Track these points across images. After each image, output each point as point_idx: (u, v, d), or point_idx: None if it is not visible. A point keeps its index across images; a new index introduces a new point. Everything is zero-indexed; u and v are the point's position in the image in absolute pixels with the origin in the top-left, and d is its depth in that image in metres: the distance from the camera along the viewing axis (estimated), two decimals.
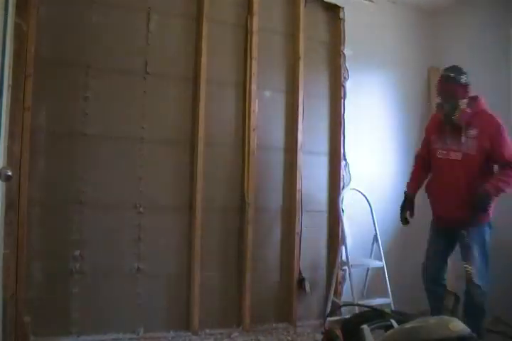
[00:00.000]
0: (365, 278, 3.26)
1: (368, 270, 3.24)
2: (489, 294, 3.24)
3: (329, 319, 2.89)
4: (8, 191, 2.25)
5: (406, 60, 3.75)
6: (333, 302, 3.16)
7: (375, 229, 3.27)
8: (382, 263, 3.12)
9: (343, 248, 3.11)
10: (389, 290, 3.06)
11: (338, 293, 3.25)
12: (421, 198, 3.74)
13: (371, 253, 3.29)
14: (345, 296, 3.23)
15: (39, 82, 2.60)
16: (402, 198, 2.88)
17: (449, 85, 2.62)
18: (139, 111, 2.88)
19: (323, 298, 3.29)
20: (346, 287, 3.21)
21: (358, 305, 2.65)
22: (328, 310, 3.11)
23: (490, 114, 2.61)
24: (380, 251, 3.21)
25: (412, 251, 3.64)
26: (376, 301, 2.95)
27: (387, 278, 3.08)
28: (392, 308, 2.83)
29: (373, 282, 3.23)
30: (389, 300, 3.02)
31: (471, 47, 3.62)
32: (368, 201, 3.30)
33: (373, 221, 3.29)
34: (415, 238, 3.68)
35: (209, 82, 3.03)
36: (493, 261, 3.30)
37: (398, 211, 2.86)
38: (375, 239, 3.27)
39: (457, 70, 2.66)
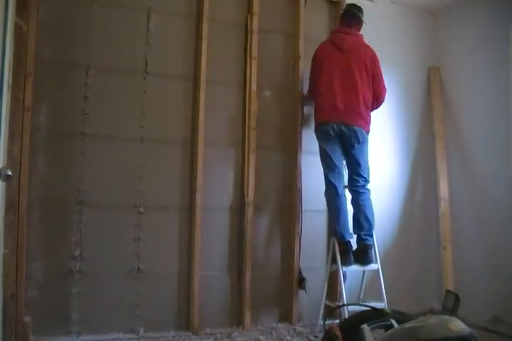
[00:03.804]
0: (362, 281, 3.20)
1: (364, 273, 3.18)
2: (489, 294, 3.26)
3: (327, 320, 2.86)
4: (8, 191, 2.24)
5: (406, 60, 3.75)
6: (326, 306, 3.06)
7: None
8: (378, 266, 3.03)
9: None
10: (383, 293, 2.97)
11: (335, 295, 3.22)
12: (420, 199, 3.76)
13: None
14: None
15: (39, 82, 2.61)
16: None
17: None
18: (138, 111, 2.89)
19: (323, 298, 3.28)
20: (346, 288, 3.19)
21: (359, 304, 2.64)
22: (321, 312, 3.03)
23: None
24: (375, 253, 3.12)
25: (412, 252, 3.66)
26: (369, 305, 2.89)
27: (382, 281, 2.98)
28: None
29: (371, 285, 3.17)
30: (383, 304, 2.91)
31: (471, 47, 3.62)
32: None
33: None
34: (415, 239, 3.69)
35: (209, 81, 3.03)
36: (492, 260, 3.32)
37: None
38: None
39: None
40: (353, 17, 3.16)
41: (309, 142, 3.34)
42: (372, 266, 3.02)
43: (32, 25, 2.54)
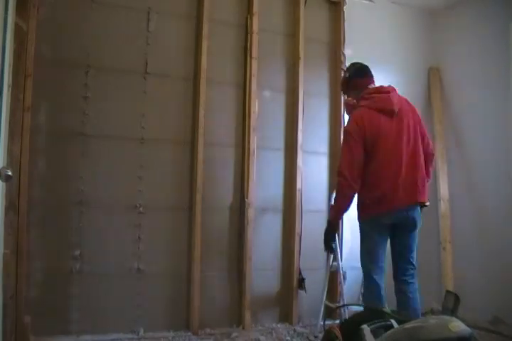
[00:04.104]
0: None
1: None
2: (489, 294, 3.25)
3: (327, 320, 2.86)
4: (8, 191, 2.25)
5: (406, 60, 3.75)
6: (326, 306, 3.06)
7: None
8: None
9: (338, 250, 3.04)
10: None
11: (335, 295, 3.22)
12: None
13: None
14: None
15: (39, 82, 2.60)
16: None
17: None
18: (139, 111, 2.89)
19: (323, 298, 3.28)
20: (346, 288, 3.20)
21: (359, 304, 2.63)
22: (321, 312, 3.04)
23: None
24: None
25: None
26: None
27: None
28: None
29: None
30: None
31: (471, 47, 3.62)
32: None
33: None
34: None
35: (209, 82, 3.03)
36: (492, 261, 3.32)
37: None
38: None
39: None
40: (367, 69, 2.71)
41: (309, 142, 3.34)
42: None
43: (32, 25, 2.54)
